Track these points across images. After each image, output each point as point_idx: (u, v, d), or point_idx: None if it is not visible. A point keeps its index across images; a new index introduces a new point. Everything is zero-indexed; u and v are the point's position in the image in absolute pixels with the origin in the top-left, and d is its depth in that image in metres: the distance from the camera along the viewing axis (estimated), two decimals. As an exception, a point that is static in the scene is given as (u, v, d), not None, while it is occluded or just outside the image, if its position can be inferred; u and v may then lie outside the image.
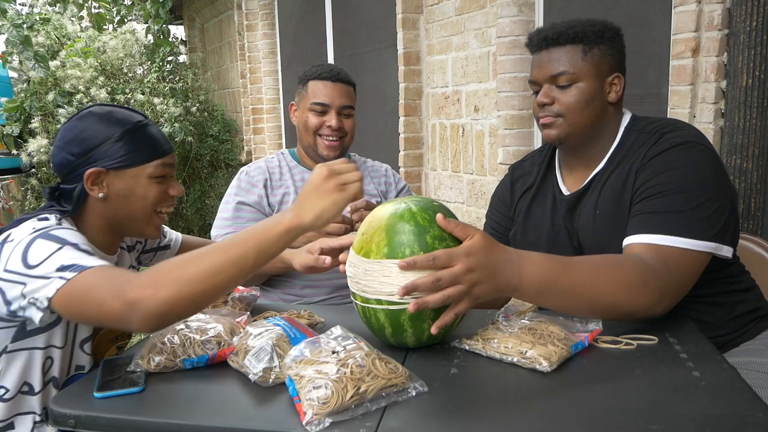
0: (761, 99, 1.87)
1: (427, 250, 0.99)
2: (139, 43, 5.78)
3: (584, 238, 1.30)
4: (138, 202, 1.19)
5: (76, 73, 5.12)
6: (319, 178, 1.01)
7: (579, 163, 1.36)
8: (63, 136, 1.19)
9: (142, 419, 0.89)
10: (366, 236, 1.05)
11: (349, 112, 1.75)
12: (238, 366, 1.00)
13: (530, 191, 1.45)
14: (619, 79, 1.29)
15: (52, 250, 1.01)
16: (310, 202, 1.00)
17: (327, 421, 0.81)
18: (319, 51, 4.66)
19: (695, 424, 0.79)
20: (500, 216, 1.54)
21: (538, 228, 1.41)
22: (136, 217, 1.20)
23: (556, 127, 1.30)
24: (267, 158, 1.84)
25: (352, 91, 1.77)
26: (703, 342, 1.08)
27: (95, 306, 0.95)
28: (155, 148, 1.20)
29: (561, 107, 1.28)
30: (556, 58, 1.28)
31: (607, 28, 1.28)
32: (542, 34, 1.31)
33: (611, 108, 1.31)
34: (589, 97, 1.27)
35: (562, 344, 1.00)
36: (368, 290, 1.02)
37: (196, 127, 5.74)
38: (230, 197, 1.75)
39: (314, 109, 1.72)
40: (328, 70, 1.74)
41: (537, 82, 1.33)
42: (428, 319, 1.01)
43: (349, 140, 1.77)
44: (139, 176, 1.18)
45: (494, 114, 2.94)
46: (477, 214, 3.16)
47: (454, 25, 3.15)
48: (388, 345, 1.09)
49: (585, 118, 1.28)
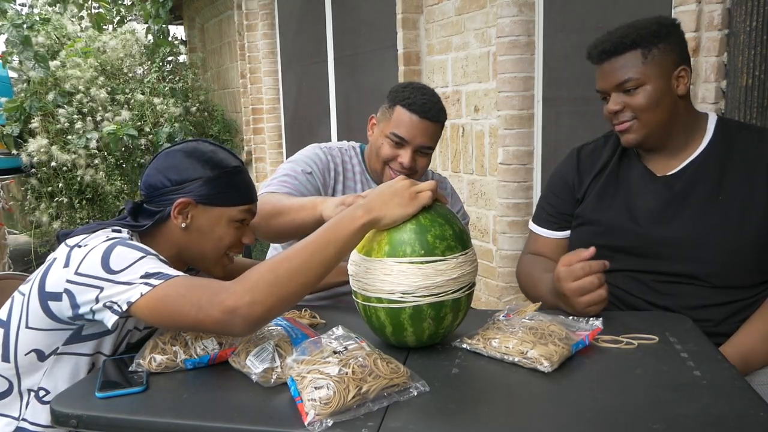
0: (761, 99, 1.87)
1: (428, 248, 1.00)
2: (139, 43, 5.78)
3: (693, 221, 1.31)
4: (214, 241, 1.22)
5: (76, 73, 5.12)
6: (401, 184, 1.06)
7: (662, 153, 1.38)
8: (164, 161, 1.23)
9: (143, 419, 0.89)
10: (369, 235, 1.06)
11: (427, 152, 1.61)
12: (239, 366, 1.00)
13: (604, 172, 1.45)
14: (685, 71, 1.31)
15: (136, 258, 1.04)
16: (383, 202, 1.04)
17: (329, 421, 0.81)
18: (319, 51, 4.66)
19: (696, 424, 0.79)
20: (559, 199, 1.53)
21: (608, 211, 1.41)
22: (207, 255, 1.24)
23: (633, 132, 1.33)
24: (341, 147, 1.73)
25: (438, 130, 1.60)
26: (704, 341, 1.08)
27: (191, 313, 0.98)
28: (245, 194, 1.24)
29: (633, 111, 1.32)
30: (618, 67, 1.31)
31: (662, 26, 1.30)
32: (599, 48, 1.33)
33: (682, 101, 1.33)
34: (659, 96, 1.29)
35: (563, 343, 1.01)
36: (369, 288, 1.03)
37: (196, 127, 5.74)
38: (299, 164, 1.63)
39: (391, 139, 1.57)
40: (421, 103, 1.55)
41: (605, 92, 1.36)
42: (428, 318, 1.02)
43: (418, 177, 1.61)
44: (223, 217, 1.22)
45: (494, 114, 2.94)
46: (477, 214, 3.17)
47: (454, 25, 3.15)
48: (390, 345, 1.09)
49: (659, 116, 1.31)
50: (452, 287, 1.02)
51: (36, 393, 1.12)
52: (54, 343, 1.11)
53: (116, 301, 1.01)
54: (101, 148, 5.06)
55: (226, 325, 0.96)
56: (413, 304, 1.00)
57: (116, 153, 5.10)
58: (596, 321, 1.12)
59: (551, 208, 1.54)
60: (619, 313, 1.29)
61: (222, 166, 1.22)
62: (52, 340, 1.10)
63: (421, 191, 1.05)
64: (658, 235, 1.33)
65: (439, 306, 1.01)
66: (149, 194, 1.23)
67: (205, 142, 1.28)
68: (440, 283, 1.01)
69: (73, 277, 1.04)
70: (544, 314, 1.11)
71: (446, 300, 1.02)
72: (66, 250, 1.08)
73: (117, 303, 1.01)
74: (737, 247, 1.27)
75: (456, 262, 1.02)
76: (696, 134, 1.36)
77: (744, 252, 1.27)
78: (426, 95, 1.58)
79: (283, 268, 0.98)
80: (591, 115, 2.60)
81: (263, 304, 0.95)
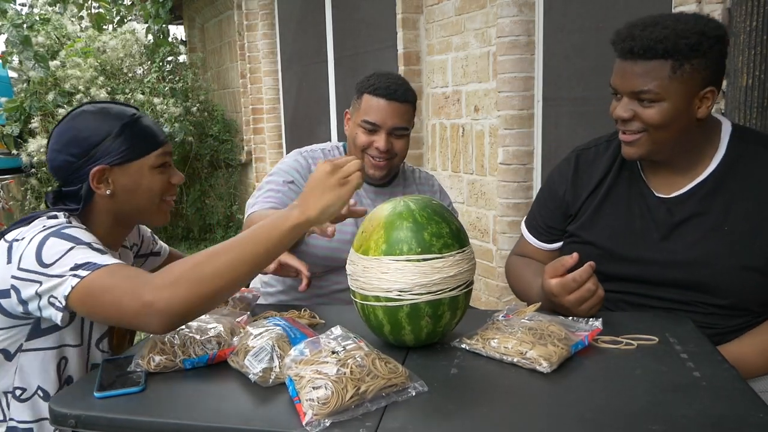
0: (761, 99, 1.87)
1: (424, 246, 1.00)
2: (139, 43, 5.79)
3: (696, 253, 1.22)
4: (145, 194, 1.20)
5: (76, 73, 5.13)
6: (322, 174, 1.02)
7: (666, 169, 1.28)
8: (59, 139, 1.19)
9: (142, 419, 0.89)
10: (365, 234, 1.06)
11: (402, 133, 1.61)
12: (238, 366, 1.00)
13: (600, 188, 1.36)
14: (712, 93, 1.17)
15: (65, 249, 1.02)
16: (314, 197, 1.01)
17: (327, 421, 0.81)
18: (319, 51, 4.66)
19: (696, 425, 0.79)
20: (549, 211, 1.45)
21: (607, 227, 1.33)
22: (145, 209, 1.22)
23: (638, 146, 1.22)
24: (324, 149, 1.75)
25: (409, 110, 1.61)
26: (704, 342, 1.08)
27: (114, 306, 0.96)
28: (154, 138, 1.21)
29: (643, 123, 1.19)
30: (640, 73, 1.16)
31: (704, 38, 1.13)
32: (628, 44, 1.16)
33: (699, 122, 1.19)
34: (674, 115, 1.16)
35: (562, 344, 1.00)
36: (367, 287, 1.03)
37: (196, 127, 5.75)
38: (280, 174, 1.64)
39: (364, 127, 1.59)
40: (385, 86, 1.57)
41: (618, 90, 1.22)
42: (426, 316, 1.02)
43: (398, 160, 1.65)
44: (142, 168, 1.19)
45: (494, 114, 2.94)
46: (477, 214, 3.17)
47: (454, 25, 3.15)
48: (388, 344, 1.09)
49: (668, 136, 1.19)
50: (450, 285, 1.02)
51: (13, 393, 1.12)
52: (17, 341, 1.10)
53: (55, 296, 1.00)
54: (101, 148, 5.05)
55: (142, 320, 0.94)
56: (410, 302, 1.00)
57: (116, 153, 5.09)
58: (596, 322, 1.12)
59: (542, 219, 1.48)
60: (619, 313, 1.29)
61: (120, 118, 1.18)
62: (14, 337, 1.10)
63: (349, 173, 1.02)
64: (658, 263, 1.25)
65: (436, 304, 1.01)
66: (61, 177, 1.19)
67: (89, 103, 1.24)
68: (437, 280, 1.00)
69: (16, 273, 1.03)
70: (544, 315, 1.11)
71: (444, 298, 1.02)
72: (6, 246, 1.07)
73: (57, 298, 1.00)
74: (743, 274, 1.19)
75: (453, 259, 1.02)
76: (706, 153, 1.24)
77: (753, 278, 1.19)
78: (390, 79, 1.61)
79: (209, 265, 0.95)
80: (591, 115, 2.60)
81: (183, 301, 0.92)
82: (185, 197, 5.89)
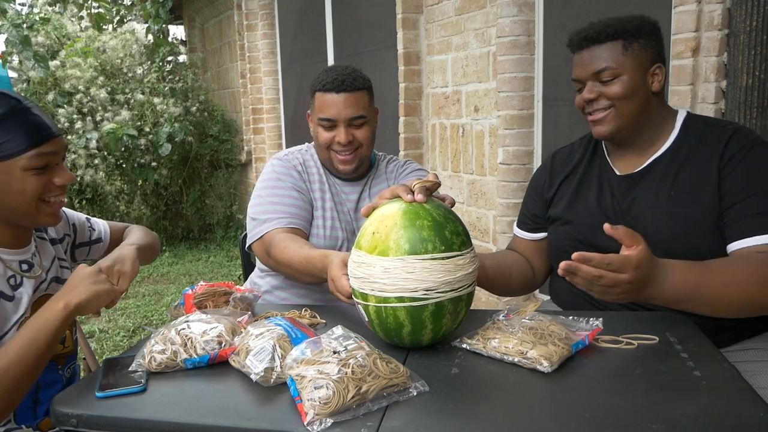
0: (761, 99, 1.87)
1: (447, 244, 1.01)
2: (139, 43, 5.79)
3: (644, 223, 1.31)
4: (16, 195, 1.12)
5: (76, 73, 5.13)
6: (86, 274, 1.12)
7: (629, 150, 1.40)
8: None
9: (143, 419, 0.89)
10: (380, 235, 1.04)
11: (361, 122, 1.59)
12: (239, 366, 1.00)
13: (575, 174, 1.49)
14: (660, 69, 1.34)
15: None
16: (78, 289, 1.10)
17: (328, 421, 0.81)
18: (319, 51, 4.67)
19: (696, 424, 0.79)
20: (533, 203, 1.58)
21: (583, 210, 1.43)
22: (21, 211, 1.15)
23: (607, 122, 1.34)
24: (300, 149, 1.74)
25: (363, 96, 1.60)
26: (704, 341, 1.08)
27: None
28: (29, 136, 1.10)
29: (608, 100, 1.33)
30: (597, 55, 1.33)
31: (645, 23, 1.33)
32: (582, 34, 1.36)
33: (655, 98, 1.35)
34: (634, 88, 1.31)
35: (562, 344, 1.00)
36: (388, 288, 1.02)
37: (196, 127, 5.75)
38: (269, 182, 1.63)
39: (322, 125, 1.59)
40: (332, 80, 1.57)
41: (580, 80, 1.37)
42: (447, 313, 1.03)
43: (366, 150, 1.63)
44: (12, 170, 1.10)
45: (494, 114, 2.94)
46: (477, 214, 3.17)
47: (454, 25, 3.15)
48: (392, 345, 1.09)
49: (633, 108, 1.32)
50: (468, 281, 1.05)
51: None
52: None
53: None
54: (101, 148, 5.06)
55: None
56: (436, 301, 1.01)
57: (116, 153, 5.10)
58: (596, 321, 1.12)
59: (527, 209, 1.61)
60: (619, 313, 1.29)
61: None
62: None
63: (119, 274, 1.20)
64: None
65: (457, 300, 1.03)
66: None
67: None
68: (460, 277, 1.02)
69: None
70: (544, 314, 1.11)
71: (463, 294, 1.04)
72: None
73: None
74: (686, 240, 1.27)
75: (469, 256, 1.05)
76: (663, 132, 1.37)
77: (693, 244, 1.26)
78: (337, 71, 1.60)
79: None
80: (591, 115, 2.60)
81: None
82: (185, 197, 5.89)
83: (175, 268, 5.01)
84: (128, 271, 1.24)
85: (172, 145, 5.19)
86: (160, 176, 5.39)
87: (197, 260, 5.26)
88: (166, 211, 5.94)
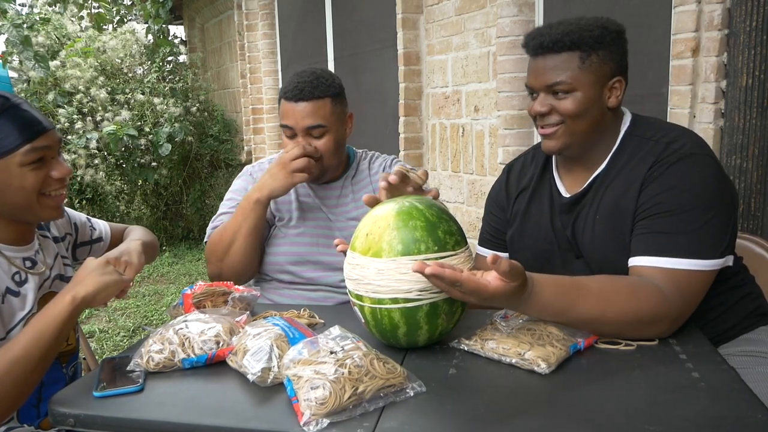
0: (761, 99, 1.87)
1: (440, 244, 1.01)
2: (139, 43, 5.79)
3: (583, 242, 1.28)
4: (16, 191, 1.13)
5: (76, 73, 5.13)
6: (97, 264, 1.12)
7: (577, 165, 1.33)
8: None
9: (141, 418, 0.89)
10: (373, 236, 1.04)
11: (321, 132, 1.53)
12: (236, 366, 1.00)
13: (526, 192, 1.42)
14: (620, 83, 1.25)
15: None
16: (87, 281, 1.10)
17: (325, 421, 0.81)
18: (319, 51, 4.66)
19: (694, 425, 0.79)
20: (495, 218, 1.51)
21: (536, 230, 1.38)
22: (22, 207, 1.16)
23: (556, 138, 1.27)
24: (270, 160, 1.75)
25: (324, 105, 1.52)
26: (703, 343, 1.08)
27: None
28: (21, 132, 1.11)
29: (560, 115, 1.25)
30: (552, 66, 1.23)
31: (606, 32, 1.22)
32: (537, 41, 1.25)
33: (610, 113, 1.27)
34: (587, 105, 1.23)
35: (560, 345, 1.00)
36: (382, 290, 1.01)
37: (196, 127, 5.75)
38: (236, 194, 1.67)
39: (285, 132, 1.56)
40: (292, 88, 1.52)
41: (534, 89, 1.29)
42: (442, 314, 1.02)
43: (329, 159, 1.56)
44: (9, 167, 1.11)
45: (494, 114, 2.94)
46: (477, 214, 3.16)
47: (454, 25, 3.15)
48: (389, 345, 1.09)
49: (584, 125, 1.24)
50: None
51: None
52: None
53: None
54: (101, 148, 5.06)
55: None
56: (430, 301, 1.01)
57: (116, 153, 5.10)
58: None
59: (488, 225, 1.53)
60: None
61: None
62: None
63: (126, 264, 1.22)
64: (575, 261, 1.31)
65: (452, 300, 1.02)
66: None
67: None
68: None
69: None
70: (543, 315, 1.11)
71: None
72: None
73: None
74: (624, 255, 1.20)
75: (463, 256, 1.04)
76: (606, 147, 1.29)
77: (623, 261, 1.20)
78: (301, 77, 1.54)
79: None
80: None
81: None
82: (185, 197, 5.90)
83: (175, 268, 5.02)
84: (135, 262, 1.24)
85: (172, 145, 5.19)
86: (160, 176, 5.39)
87: (197, 260, 5.26)
88: (166, 211, 5.94)
